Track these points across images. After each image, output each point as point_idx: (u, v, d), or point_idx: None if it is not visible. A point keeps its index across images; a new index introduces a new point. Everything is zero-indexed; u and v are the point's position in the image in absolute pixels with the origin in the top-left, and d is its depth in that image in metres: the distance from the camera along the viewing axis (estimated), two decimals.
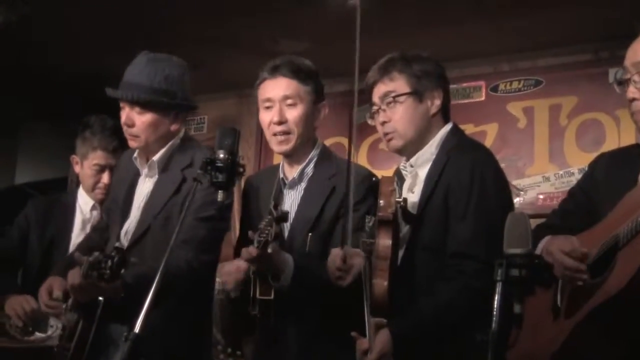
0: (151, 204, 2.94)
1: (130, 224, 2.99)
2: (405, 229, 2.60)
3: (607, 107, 4.77)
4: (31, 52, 5.43)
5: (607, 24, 4.52)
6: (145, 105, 2.94)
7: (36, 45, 5.31)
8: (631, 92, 2.12)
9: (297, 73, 2.84)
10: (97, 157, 3.66)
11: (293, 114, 2.82)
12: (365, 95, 6.05)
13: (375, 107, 2.79)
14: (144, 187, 3.03)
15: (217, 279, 2.84)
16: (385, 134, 2.75)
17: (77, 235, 3.68)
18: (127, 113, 3.00)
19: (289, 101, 2.82)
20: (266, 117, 2.85)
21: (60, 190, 4.48)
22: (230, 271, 2.67)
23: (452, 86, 5.15)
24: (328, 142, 5.80)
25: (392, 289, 2.41)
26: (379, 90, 2.78)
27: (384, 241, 2.44)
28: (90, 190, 3.72)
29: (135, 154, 3.08)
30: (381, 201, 2.51)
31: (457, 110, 3.50)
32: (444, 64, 4.34)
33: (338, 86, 5.17)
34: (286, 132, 2.84)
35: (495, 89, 5.32)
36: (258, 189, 3.00)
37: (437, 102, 2.73)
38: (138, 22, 5.02)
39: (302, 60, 2.90)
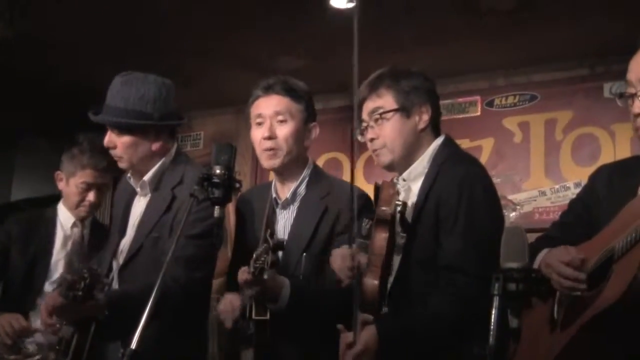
0: (144, 222, 2.95)
1: (125, 243, 3.00)
2: (401, 237, 2.59)
3: (603, 121, 4.79)
4: (30, 67, 5.44)
5: (603, 39, 4.55)
6: (121, 128, 2.98)
7: (35, 61, 5.33)
8: (637, 107, 2.12)
9: (290, 91, 2.87)
10: (85, 175, 3.67)
11: (283, 131, 2.85)
12: (358, 112, 6.06)
13: (364, 124, 2.77)
14: (138, 205, 3.05)
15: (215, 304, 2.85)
16: (374, 150, 2.74)
17: (58, 252, 3.68)
18: (109, 135, 3.02)
19: (280, 117, 2.84)
20: (257, 133, 2.87)
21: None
22: (227, 310, 2.67)
23: (448, 101, 5.26)
24: (324, 158, 5.84)
25: (384, 288, 2.46)
26: (368, 106, 2.76)
27: (380, 238, 2.48)
28: (74, 208, 3.72)
29: (129, 174, 3.11)
30: (381, 202, 2.53)
31: (453, 125, 3.53)
32: (440, 79, 4.36)
33: (334, 102, 5.20)
34: (274, 148, 2.86)
35: (490, 103, 5.34)
36: (252, 207, 3.02)
37: (426, 117, 2.71)
38: (137, 38, 5.03)
39: (295, 81, 2.93)
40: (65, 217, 3.75)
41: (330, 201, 2.79)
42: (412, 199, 2.62)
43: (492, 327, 1.69)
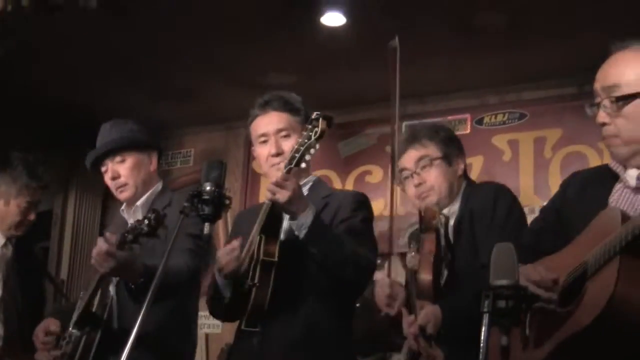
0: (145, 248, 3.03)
1: None
2: (446, 254, 2.88)
3: (591, 139, 4.81)
4: (25, 83, 5.43)
5: (592, 57, 4.55)
6: (122, 149, 3.22)
7: (30, 77, 5.32)
8: (601, 116, 2.12)
9: (287, 105, 2.89)
10: (28, 195, 3.79)
11: (288, 145, 2.82)
12: (350, 129, 6.11)
13: (407, 172, 3.04)
14: None
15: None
16: (421, 193, 3.01)
17: None
18: (110, 168, 3.23)
19: (283, 133, 2.85)
20: (263, 151, 2.88)
21: (45, 224, 4.49)
22: (226, 251, 2.64)
23: (438, 119, 5.27)
24: (316, 175, 5.83)
25: (437, 282, 2.77)
26: (412, 156, 3.04)
27: (429, 242, 2.85)
28: (13, 228, 3.80)
29: (123, 207, 3.32)
30: (427, 217, 2.93)
31: None
32: (430, 97, 4.38)
33: None
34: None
35: (480, 121, 5.36)
36: (250, 219, 2.97)
37: (462, 165, 3.07)
38: (127, 56, 5.05)
39: (289, 94, 2.96)
40: None
41: (330, 200, 2.82)
42: (450, 230, 2.95)
43: (482, 344, 1.69)
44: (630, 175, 2.13)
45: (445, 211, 3.01)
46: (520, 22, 4.42)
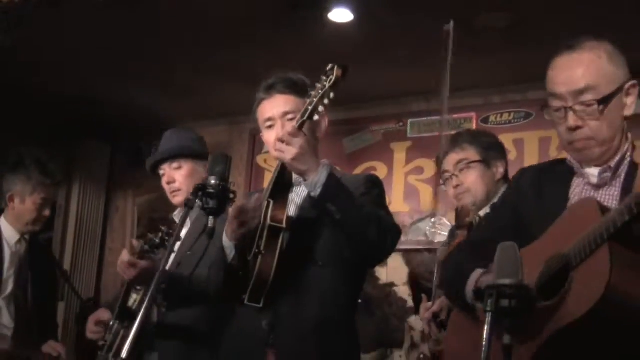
0: (184, 244, 3.29)
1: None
2: None
3: None
4: (27, 75, 5.44)
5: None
6: (180, 156, 3.46)
7: (27, 69, 5.33)
8: (573, 120, 2.09)
9: (293, 87, 2.77)
10: (44, 192, 3.89)
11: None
12: (355, 125, 6.09)
13: (447, 174, 3.27)
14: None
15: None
16: (458, 195, 3.24)
17: (8, 269, 3.84)
18: (167, 173, 3.47)
19: (290, 116, 2.71)
20: (270, 136, 2.74)
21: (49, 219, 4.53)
22: (239, 209, 2.54)
23: (443, 117, 5.26)
24: None
25: None
26: (452, 159, 3.26)
27: (461, 237, 3.13)
28: (30, 224, 3.90)
29: (176, 212, 3.52)
30: (462, 215, 3.24)
31: (447, 141, 3.54)
32: (436, 95, 4.38)
33: (330, 116, 5.20)
34: None
35: (485, 120, 5.36)
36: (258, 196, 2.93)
37: (501, 170, 3.25)
38: (132, 50, 5.05)
39: (294, 75, 2.85)
40: (10, 235, 3.91)
41: (343, 181, 2.64)
42: None
43: (484, 343, 1.68)
44: (592, 173, 2.13)
45: (481, 212, 3.14)
46: (525, 22, 4.42)
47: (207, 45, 4.96)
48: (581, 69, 2.11)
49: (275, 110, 2.75)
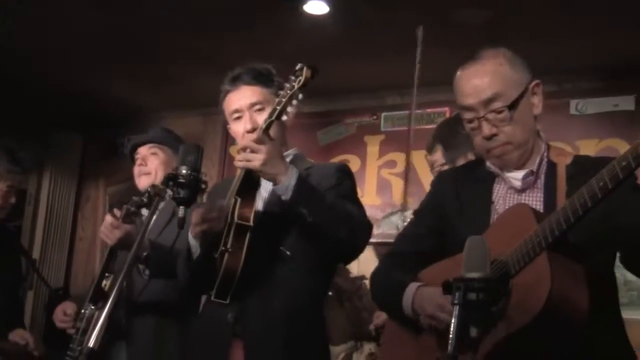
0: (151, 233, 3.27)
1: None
2: None
3: (568, 137, 4.84)
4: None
5: (570, 55, 4.61)
6: (159, 143, 3.59)
7: (4, 58, 5.27)
8: (488, 129, 2.13)
9: (259, 78, 2.76)
10: (10, 179, 3.90)
11: (264, 118, 2.65)
12: (329, 118, 6.09)
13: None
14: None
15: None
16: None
17: None
18: (143, 154, 3.58)
19: (257, 107, 2.72)
20: (238, 127, 2.75)
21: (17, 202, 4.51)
22: (204, 209, 2.55)
23: (417, 111, 5.28)
24: None
25: None
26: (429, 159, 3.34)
27: None
28: None
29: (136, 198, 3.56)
30: None
31: (421, 135, 3.56)
32: (411, 90, 4.38)
33: (303, 108, 5.19)
34: None
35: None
36: (226, 188, 2.82)
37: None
38: (104, 40, 5.00)
39: (259, 65, 2.83)
40: None
41: (312, 172, 2.67)
42: None
43: (451, 336, 1.69)
44: (514, 176, 2.17)
45: None
46: (500, 19, 4.44)
47: (182, 35, 4.93)
48: (486, 79, 2.16)
49: (242, 101, 2.74)
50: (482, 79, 2.16)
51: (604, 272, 2.05)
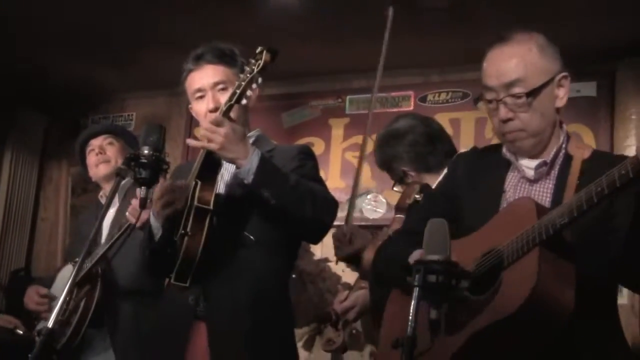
0: (115, 228, 3.31)
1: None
2: None
3: None
4: None
5: None
6: (113, 133, 3.67)
7: None
8: (504, 113, 2.13)
9: (222, 57, 2.74)
10: None
11: (226, 98, 2.63)
12: (294, 100, 6.06)
13: None
14: (108, 216, 3.46)
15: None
16: None
17: None
18: (98, 144, 3.63)
19: (220, 86, 2.70)
20: (201, 107, 2.72)
21: None
22: (164, 189, 2.51)
23: (381, 94, 5.30)
24: None
25: None
26: None
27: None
28: None
29: (101, 193, 3.69)
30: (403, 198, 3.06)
31: (386, 118, 3.55)
32: (376, 73, 4.38)
33: (268, 90, 5.18)
34: None
35: (424, 99, 5.41)
36: (189, 171, 2.77)
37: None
38: (70, 19, 4.93)
39: (223, 44, 2.81)
40: None
41: (275, 153, 2.67)
42: None
43: (410, 317, 1.71)
44: (527, 165, 2.17)
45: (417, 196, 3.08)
46: (466, 3, 4.46)
47: (148, 16, 4.88)
48: (511, 62, 2.14)
49: (205, 80, 2.72)
50: (507, 62, 2.15)
51: (602, 274, 2.01)
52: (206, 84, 2.71)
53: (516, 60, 2.14)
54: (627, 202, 1.91)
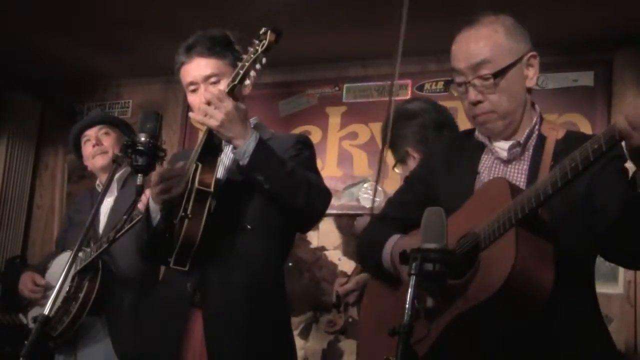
0: (113, 217, 3.39)
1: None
2: None
3: None
4: None
5: (531, 30, 4.62)
6: (108, 123, 3.68)
7: None
8: (473, 95, 2.14)
9: (213, 49, 2.72)
10: None
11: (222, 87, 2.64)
12: (291, 88, 6.05)
13: None
14: (105, 205, 3.48)
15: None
16: None
17: None
18: (94, 136, 3.63)
19: (212, 79, 2.69)
20: (195, 99, 2.72)
21: None
22: (164, 173, 2.52)
23: (379, 83, 5.28)
24: None
25: None
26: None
27: None
28: None
29: (98, 182, 3.67)
30: None
31: (383, 107, 3.55)
32: (373, 61, 4.39)
33: (264, 78, 5.16)
34: None
35: (421, 88, 5.39)
36: (186, 158, 2.80)
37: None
38: (68, 5, 4.91)
39: (214, 32, 2.79)
40: None
41: (272, 142, 2.64)
42: None
43: (407, 305, 1.71)
44: (501, 147, 2.17)
45: None
46: None
47: (147, 1, 4.85)
48: (478, 44, 2.15)
49: (196, 73, 2.71)
50: (474, 43, 2.16)
51: (582, 252, 2.04)
52: (198, 77, 2.72)
53: (483, 42, 2.15)
54: (607, 183, 1.94)
